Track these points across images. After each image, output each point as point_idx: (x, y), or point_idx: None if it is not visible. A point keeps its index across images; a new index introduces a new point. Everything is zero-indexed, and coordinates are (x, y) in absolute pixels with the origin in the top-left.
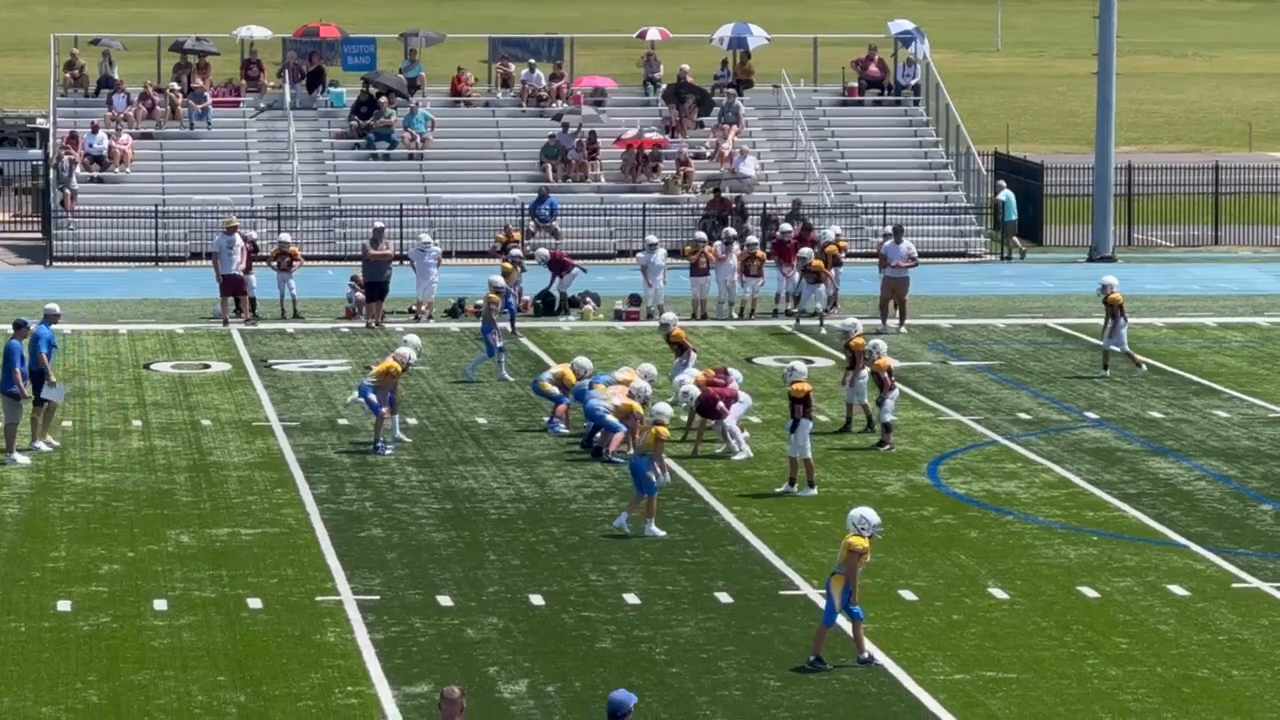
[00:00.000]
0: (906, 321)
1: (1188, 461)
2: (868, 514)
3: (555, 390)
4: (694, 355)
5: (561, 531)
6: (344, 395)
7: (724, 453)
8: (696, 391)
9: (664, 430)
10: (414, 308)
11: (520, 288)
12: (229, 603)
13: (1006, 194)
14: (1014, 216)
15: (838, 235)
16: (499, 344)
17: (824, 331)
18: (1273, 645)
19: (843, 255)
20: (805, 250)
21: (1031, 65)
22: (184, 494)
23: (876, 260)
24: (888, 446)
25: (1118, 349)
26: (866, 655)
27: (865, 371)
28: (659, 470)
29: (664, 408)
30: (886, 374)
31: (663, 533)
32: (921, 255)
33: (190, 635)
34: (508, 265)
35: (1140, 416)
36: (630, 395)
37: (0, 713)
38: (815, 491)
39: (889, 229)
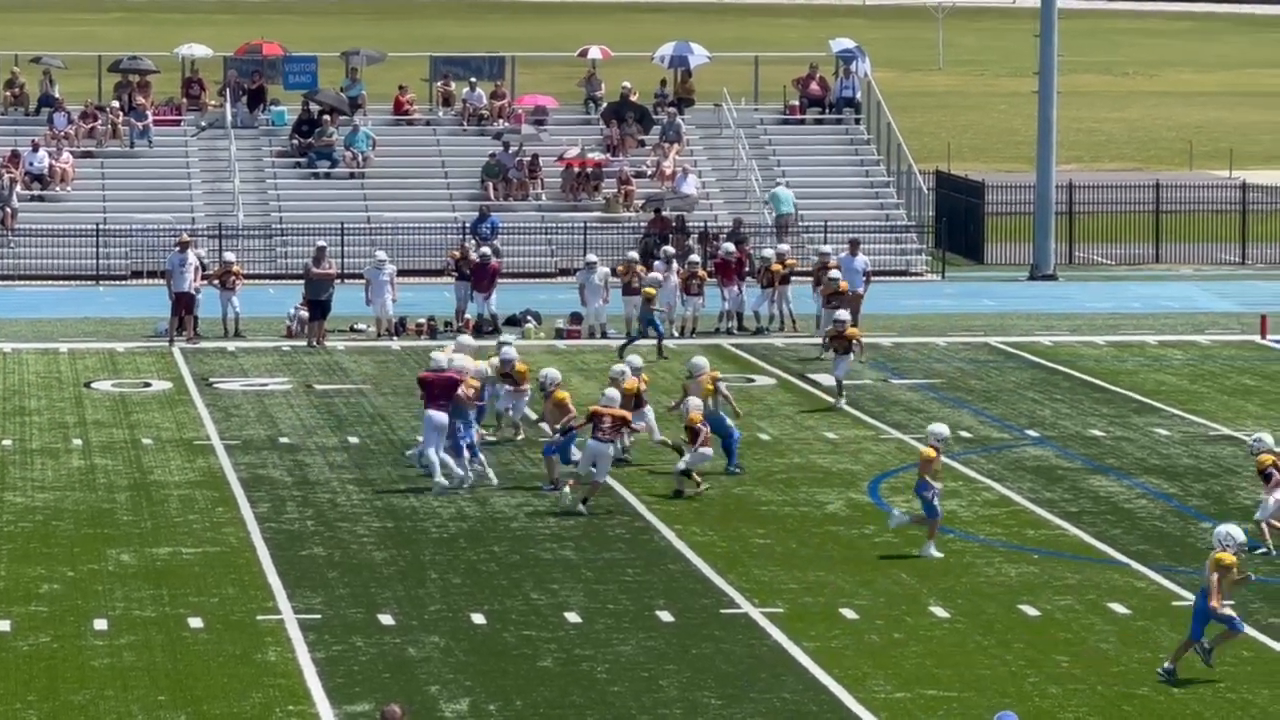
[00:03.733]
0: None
1: (1128, 479)
2: (1233, 531)
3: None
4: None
5: (503, 550)
6: (284, 414)
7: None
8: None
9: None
10: (364, 325)
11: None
12: (170, 622)
13: (781, 190)
14: (787, 210)
15: (783, 254)
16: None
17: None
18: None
19: (789, 273)
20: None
21: (973, 83)
22: (125, 513)
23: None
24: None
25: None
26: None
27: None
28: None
29: None
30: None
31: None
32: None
33: (130, 655)
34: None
35: (1081, 434)
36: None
37: None
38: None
39: (837, 243)
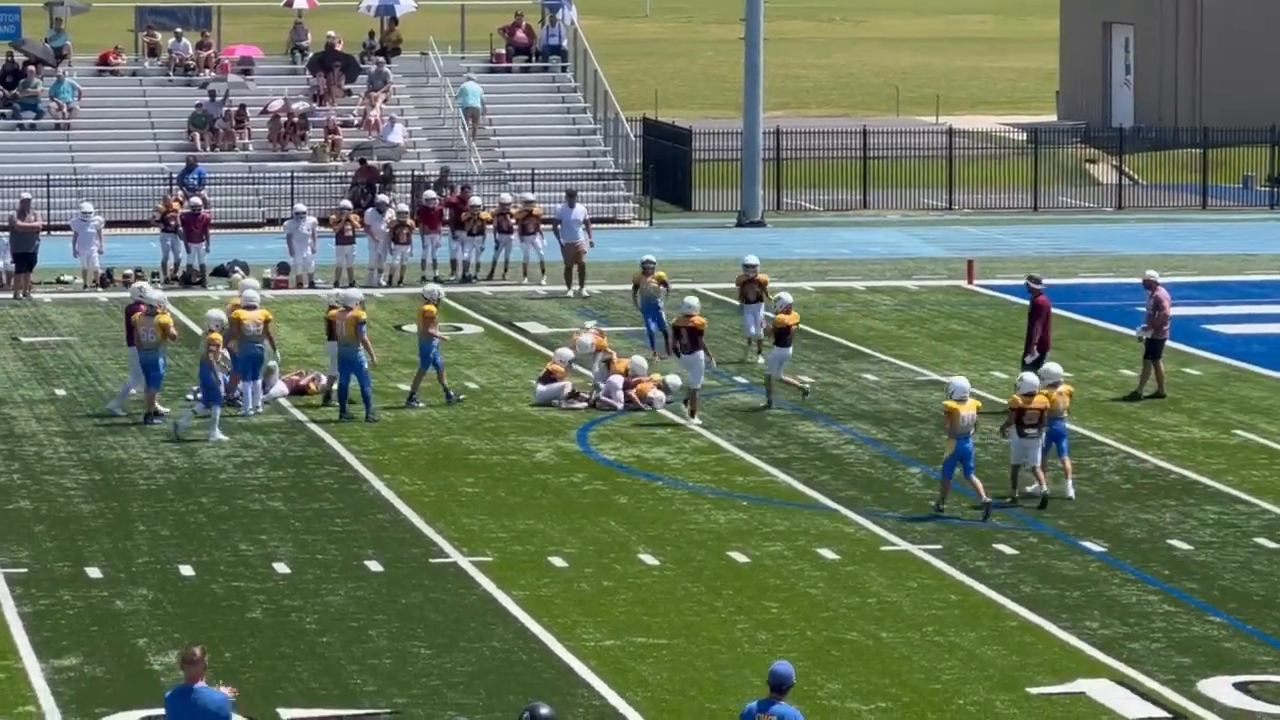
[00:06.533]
0: (586, 285)
1: (837, 425)
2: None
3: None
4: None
5: (211, 501)
6: None
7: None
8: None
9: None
10: (70, 277)
11: None
12: None
13: (470, 85)
14: (474, 104)
15: (506, 205)
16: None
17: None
18: (921, 607)
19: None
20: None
21: (680, 30)
22: None
23: (550, 226)
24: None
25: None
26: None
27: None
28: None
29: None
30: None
31: None
32: None
33: None
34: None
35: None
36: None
37: None
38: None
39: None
